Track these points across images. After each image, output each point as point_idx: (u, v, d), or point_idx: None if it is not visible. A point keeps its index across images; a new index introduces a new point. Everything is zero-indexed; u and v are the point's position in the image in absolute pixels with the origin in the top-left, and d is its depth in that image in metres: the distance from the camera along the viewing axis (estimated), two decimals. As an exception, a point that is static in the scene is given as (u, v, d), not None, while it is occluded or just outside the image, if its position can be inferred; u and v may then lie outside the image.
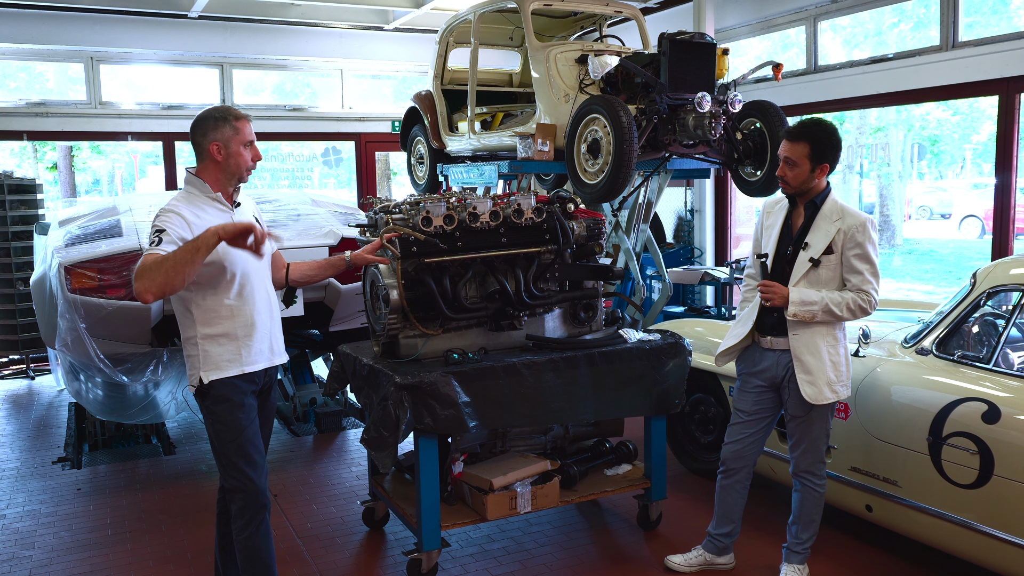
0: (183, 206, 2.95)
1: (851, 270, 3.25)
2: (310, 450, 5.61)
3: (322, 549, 4.02)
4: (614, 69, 4.92)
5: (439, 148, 6.41)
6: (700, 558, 3.70)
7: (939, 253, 14.64)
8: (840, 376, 3.31)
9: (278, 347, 3.18)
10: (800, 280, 3.30)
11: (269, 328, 3.11)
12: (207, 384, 2.99)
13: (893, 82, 6.36)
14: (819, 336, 3.28)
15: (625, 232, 5.98)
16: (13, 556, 4.00)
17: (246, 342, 3.03)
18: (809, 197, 3.36)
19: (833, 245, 3.25)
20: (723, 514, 3.64)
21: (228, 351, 3.00)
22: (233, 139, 3.01)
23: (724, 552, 3.69)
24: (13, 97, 8.25)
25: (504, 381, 3.52)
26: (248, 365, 3.04)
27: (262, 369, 3.10)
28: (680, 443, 4.88)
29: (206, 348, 3.00)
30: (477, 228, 3.66)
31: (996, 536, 3.14)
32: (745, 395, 3.53)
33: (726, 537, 3.66)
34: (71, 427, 6.14)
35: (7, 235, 7.67)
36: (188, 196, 3.02)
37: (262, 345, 3.07)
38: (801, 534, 3.49)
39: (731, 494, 3.60)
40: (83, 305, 4.59)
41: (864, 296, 3.22)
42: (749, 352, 3.53)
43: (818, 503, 3.46)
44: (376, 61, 9.55)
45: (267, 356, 3.11)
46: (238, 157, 3.03)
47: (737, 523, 3.65)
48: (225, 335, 3.00)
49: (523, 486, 3.75)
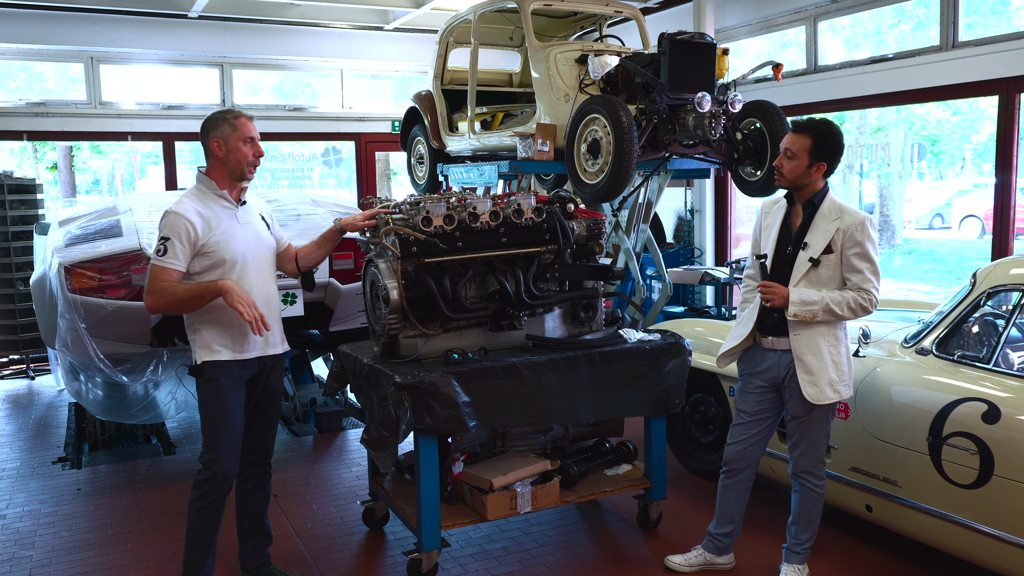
0: (189, 203, 3.18)
1: (851, 269, 3.24)
2: (310, 450, 5.61)
3: (322, 549, 4.02)
4: (614, 69, 4.92)
5: (439, 148, 6.41)
6: (700, 558, 3.70)
7: (939, 253, 14.64)
8: (842, 376, 3.31)
9: (274, 337, 3.37)
10: (800, 280, 3.29)
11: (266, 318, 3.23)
12: (199, 364, 3.22)
13: (893, 82, 6.36)
14: (820, 336, 3.28)
15: (625, 232, 5.98)
16: (13, 556, 4.00)
17: (241, 329, 3.23)
18: (806, 196, 3.34)
19: (832, 244, 3.25)
20: (724, 514, 3.64)
21: (223, 337, 3.22)
22: (232, 135, 3.21)
23: (724, 552, 3.69)
24: (13, 97, 8.26)
25: (504, 381, 3.52)
26: (240, 352, 3.25)
27: (255, 357, 3.30)
28: (680, 443, 4.88)
29: (202, 332, 3.23)
30: (477, 228, 3.66)
31: (996, 536, 3.14)
32: (747, 396, 3.53)
33: (726, 537, 3.66)
34: (71, 427, 6.14)
35: (7, 235, 7.67)
36: (197, 193, 3.25)
37: (256, 335, 3.19)
38: (801, 534, 3.49)
39: (733, 494, 3.60)
40: (83, 305, 4.59)
41: (865, 295, 3.21)
42: (750, 353, 3.52)
43: (817, 503, 3.46)
44: (376, 61, 9.55)
45: (261, 345, 3.31)
46: (237, 153, 3.21)
47: (738, 523, 3.64)
48: (221, 322, 3.21)
49: (523, 486, 3.75)
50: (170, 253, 3.08)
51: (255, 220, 3.38)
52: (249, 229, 3.32)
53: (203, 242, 3.15)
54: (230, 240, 3.19)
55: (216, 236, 3.17)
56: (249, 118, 3.27)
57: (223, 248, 3.17)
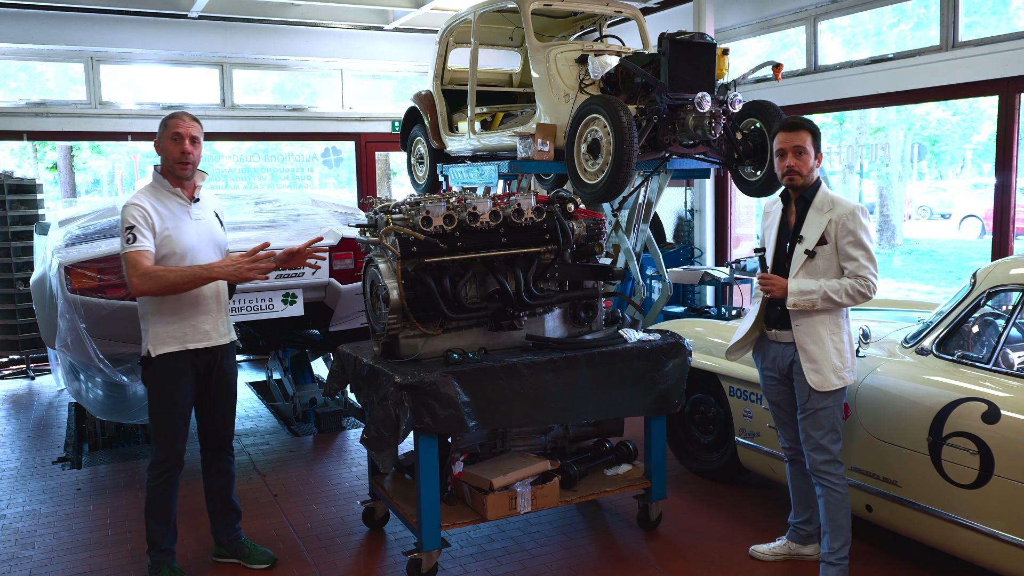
0: (144, 197, 3.43)
1: (846, 257, 3.31)
2: (310, 450, 5.61)
3: (322, 549, 4.02)
4: (614, 69, 4.92)
5: (439, 148, 6.41)
6: (785, 548, 3.77)
7: (939, 253, 14.64)
8: (845, 362, 3.37)
9: (223, 329, 3.61)
10: (799, 272, 3.38)
11: (215, 311, 3.55)
12: (151, 357, 3.46)
13: (893, 82, 6.36)
14: (821, 325, 3.35)
15: (625, 232, 5.98)
16: (13, 556, 4.00)
17: (190, 322, 3.48)
18: (799, 192, 3.44)
19: (826, 235, 3.33)
20: (799, 501, 3.72)
21: (172, 329, 3.46)
22: (163, 135, 3.47)
23: (809, 541, 3.74)
24: (13, 97, 8.25)
25: (504, 381, 3.52)
26: (190, 343, 3.49)
27: (203, 348, 3.52)
28: (680, 443, 4.88)
29: (153, 324, 3.47)
30: (477, 228, 3.66)
31: (996, 536, 3.14)
32: (768, 387, 3.66)
33: (807, 524, 3.71)
34: (71, 427, 6.14)
35: (7, 235, 7.67)
36: (151, 190, 3.50)
37: (205, 326, 3.51)
38: (833, 543, 3.43)
39: (801, 480, 3.67)
40: (83, 305, 4.59)
41: (862, 281, 3.28)
42: (760, 345, 3.64)
43: (842, 504, 3.42)
44: (376, 61, 9.55)
45: (211, 336, 3.54)
46: (166, 151, 3.46)
47: (816, 510, 3.64)
48: (171, 313, 3.45)
49: (523, 486, 3.75)
50: (139, 239, 3.31)
51: (209, 216, 3.62)
52: (201, 225, 3.55)
53: (156, 232, 3.39)
54: (180, 234, 3.43)
55: (168, 231, 3.42)
56: (184, 119, 3.48)
57: (173, 242, 3.40)
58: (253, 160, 11.46)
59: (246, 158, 11.47)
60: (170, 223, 3.43)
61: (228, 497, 3.83)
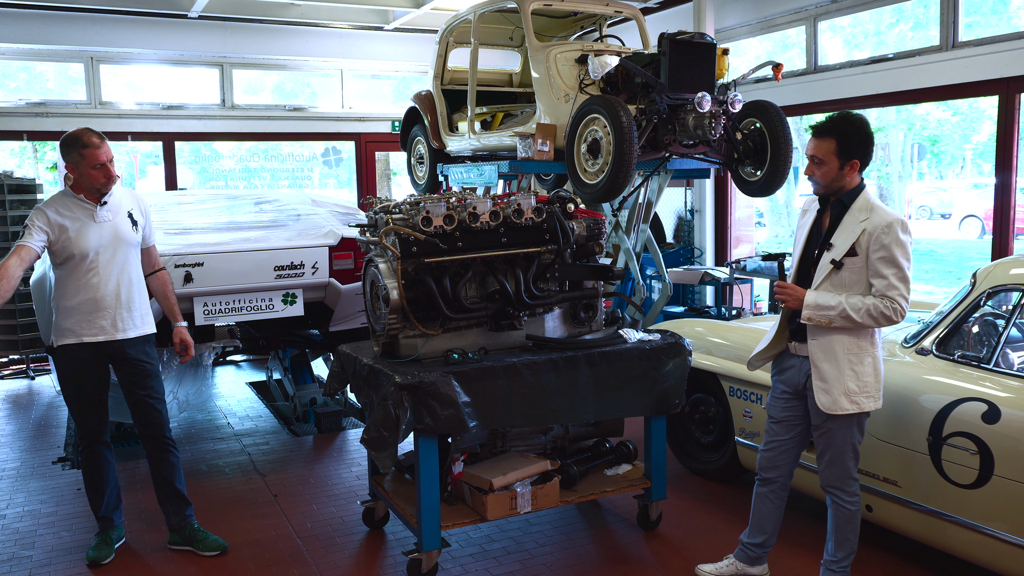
0: (52, 203, 3.67)
1: (875, 274, 3.03)
2: (310, 450, 5.61)
3: (322, 549, 4.02)
4: (614, 69, 4.92)
5: (439, 148, 6.41)
6: (732, 567, 3.57)
7: (939, 253, 14.64)
8: (864, 387, 3.11)
9: (123, 324, 3.77)
10: (822, 283, 3.13)
11: (114, 307, 3.73)
12: (53, 347, 3.75)
13: (893, 82, 6.36)
14: (838, 343, 3.11)
15: (625, 232, 5.98)
16: (13, 556, 4.00)
17: (88, 317, 3.69)
18: (838, 196, 3.18)
19: (857, 246, 3.05)
20: (756, 523, 3.51)
21: (72, 322, 3.69)
22: (81, 163, 3.61)
23: (757, 562, 3.55)
24: (13, 97, 8.26)
25: (504, 381, 3.52)
26: (85, 337, 3.70)
27: (103, 341, 3.72)
28: (680, 443, 4.88)
29: (56, 317, 3.74)
30: (477, 228, 3.66)
31: (996, 536, 3.14)
32: (775, 401, 3.42)
33: (758, 547, 3.53)
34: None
35: (7, 235, 7.67)
36: (60, 195, 3.73)
37: (103, 322, 3.71)
38: (837, 552, 3.32)
39: (765, 504, 3.47)
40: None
41: (888, 303, 2.99)
42: (780, 356, 3.42)
43: (851, 520, 3.26)
44: (376, 61, 9.55)
45: (108, 331, 3.73)
46: (88, 178, 3.64)
47: (771, 534, 3.50)
48: (72, 308, 3.69)
49: (523, 486, 3.75)
50: (26, 236, 3.55)
51: (117, 217, 3.77)
52: (106, 226, 3.72)
53: (55, 237, 3.61)
54: (81, 237, 3.63)
55: (70, 234, 3.62)
56: (96, 142, 3.61)
57: (74, 244, 3.61)
58: (253, 160, 11.43)
59: (246, 158, 11.45)
60: (72, 228, 3.63)
61: (172, 485, 3.96)
